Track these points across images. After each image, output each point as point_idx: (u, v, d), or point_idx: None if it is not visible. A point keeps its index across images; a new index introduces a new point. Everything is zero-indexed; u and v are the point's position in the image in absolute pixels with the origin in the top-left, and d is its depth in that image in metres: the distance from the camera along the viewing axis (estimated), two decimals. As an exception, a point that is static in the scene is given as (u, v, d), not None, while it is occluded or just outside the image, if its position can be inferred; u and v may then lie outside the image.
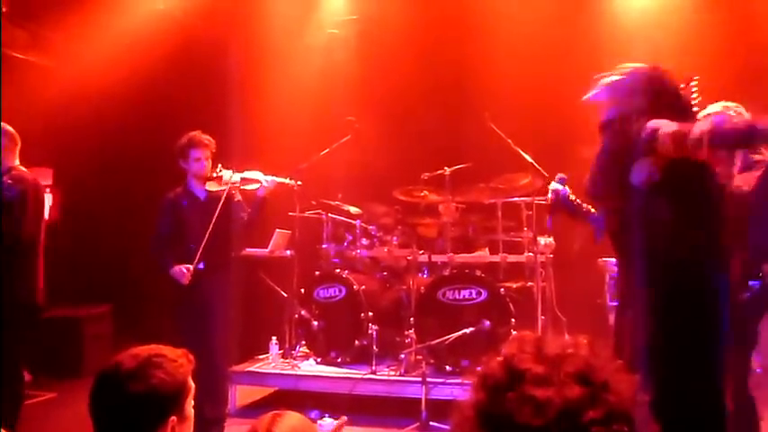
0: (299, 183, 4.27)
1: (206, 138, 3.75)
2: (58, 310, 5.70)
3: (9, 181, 3.28)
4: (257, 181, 3.80)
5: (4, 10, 5.20)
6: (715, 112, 2.51)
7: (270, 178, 3.83)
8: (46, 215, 6.18)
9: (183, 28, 5.47)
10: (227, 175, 3.75)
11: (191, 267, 3.56)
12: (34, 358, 5.18)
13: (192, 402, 1.50)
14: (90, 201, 6.09)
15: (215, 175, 3.76)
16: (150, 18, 5.39)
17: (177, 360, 1.44)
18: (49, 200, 6.21)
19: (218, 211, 3.60)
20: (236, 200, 3.84)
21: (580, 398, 0.70)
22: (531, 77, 5.02)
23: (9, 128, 3.43)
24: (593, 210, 2.49)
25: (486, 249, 4.73)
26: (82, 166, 6.19)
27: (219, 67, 5.83)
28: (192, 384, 1.47)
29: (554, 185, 2.57)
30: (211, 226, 3.57)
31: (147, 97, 5.60)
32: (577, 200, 2.55)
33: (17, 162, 3.48)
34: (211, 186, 3.74)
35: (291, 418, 1.41)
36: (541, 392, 0.70)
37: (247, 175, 3.82)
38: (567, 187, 2.57)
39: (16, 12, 5.34)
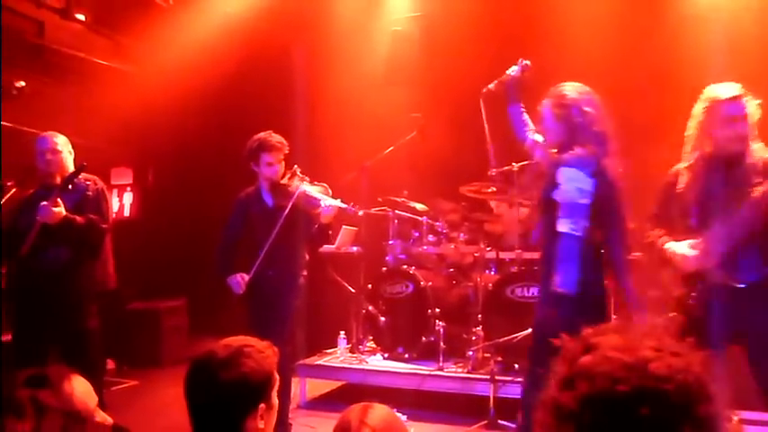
0: (361, 212, 3.96)
1: (277, 140, 3.58)
2: (138, 303, 6.02)
3: (88, 182, 3.50)
4: (317, 202, 3.51)
5: (86, 19, 5.53)
6: None
7: (330, 203, 3.50)
8: (126, 213, 6.57)
9: (251, 30, 5.62)
10: (294, 184, 3.56)
11: (246, 277, 3.49)
12: (118, 348, 5.51)
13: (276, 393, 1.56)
14: (167, 199, 6.37)
15: (285, 180, 3.61)
16: (221, 22, 5.58)
17: (264, 351, 1.50)
18: (129, 198, 6.57)
19: (280, 222, 3.45)
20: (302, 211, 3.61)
21: (686, 363, 0.76)
22: (602, 71, 4.87)
23: (63, 136, 3.60)
24: (519, 103, 2.87)
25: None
26: (160, 166, 6.49)
27: (286, 65, 5.96)
28: (277, 375, 1.53)
29: (512, 69, 2.90)
30: (272, 237, 3.44)
31: (219, 98, 5.80)
32: (516, 91, 2.88)
33: None
34: (278, 196, 3.59)
35: (381, 409, 1.44)
36: (674, 361, 0.75)
37: (311, 191, 3.57)
38: (521, 73, 2.89)
39: (99, 21, 5.66)
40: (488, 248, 4.56)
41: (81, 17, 5.45)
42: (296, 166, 3.61)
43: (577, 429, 0.73)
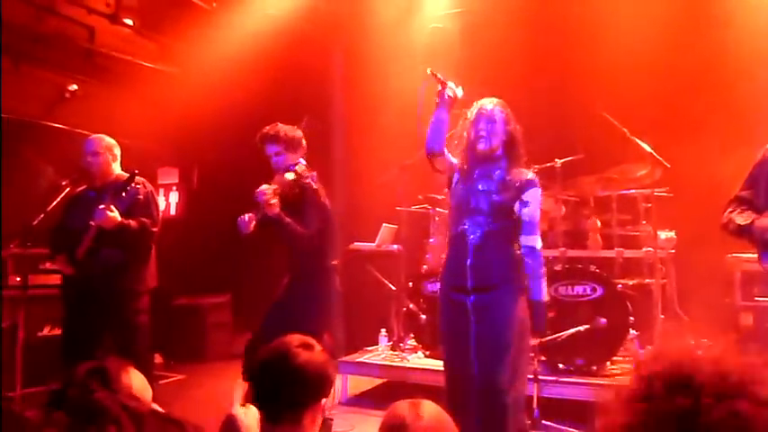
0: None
1: (272, 131, 3.41)
2: (183, 299, 6.17)
3: (138, 185, 3.57)
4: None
5: (134, 24, 5.69)
6: None
7: (260, 189, 3.24)
8: (172, 211, 6.74)
9: (292, 30, 5.68)
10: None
11: (253, 217, 3.29)
12: (164, 343, 5.66)
13: None
14: (212, 198, 6.50)
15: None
16: (262, 24, 5.65)
17: (324, 350, 1.54)
18: (174, 197, 6.74)
19: (260, 214, 3.27)
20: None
21: None
22: (649, 62, 4.74)
23: (111, 139, 3.68)
24: (443, 114, 2.79)
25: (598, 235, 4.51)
26: (204, 166, 6.63)
27: (327, 65, 6.01)
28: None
29: (458, 89, 2.81)
30: (254, 225, 3.27)
31: (262, 98, 5.87)
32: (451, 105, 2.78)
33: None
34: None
35: (430, 405, 1.43)
36: None
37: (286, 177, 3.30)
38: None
39: (146, 25, 5.82)
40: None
41: (129, 22, 5.62)
42: (300, 159, 3.45)
43: None
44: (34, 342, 4.24)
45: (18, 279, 4.07)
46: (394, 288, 4.94)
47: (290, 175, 3.29)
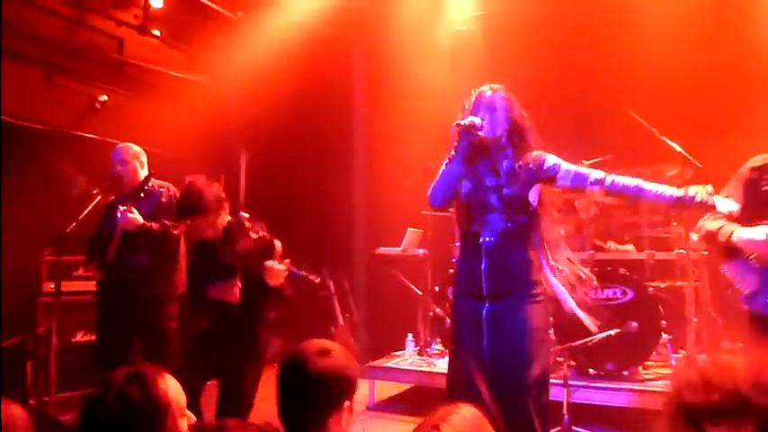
0: None
1: (190, 204, 3.14)
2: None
3: (162, 189, 3.64)
4: None
5: (162, 34, 5.79)
6: None
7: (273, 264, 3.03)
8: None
9: (317, 36, 5.72)
10: None
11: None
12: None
13: None
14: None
15: None
16: (286, 31, 5.71)
17: (349, 354, 1.54)
18: (202, 204, 6.80)
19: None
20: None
21: None
22: (674, 61, 4.65)
23: (137, 147, 3.77)
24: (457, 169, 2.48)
25: (632, 246, 4.45)
26: (231, 174, 6.70)
27: (352, 69, 6.02)
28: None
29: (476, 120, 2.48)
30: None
31: (288, 105, 5.93)
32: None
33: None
34: None
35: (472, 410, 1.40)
36: None
37: None
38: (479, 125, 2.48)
39: (173, 36, 5.91)
40: (559, 249, 4.43)
41: (156, 32, 5.72)
42: (242, 213, 3.37)
43: None
44: (68, 348, 4.32)
45: (52, 286, 4.16)
46: (420, 293, 4.92)
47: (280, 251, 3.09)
